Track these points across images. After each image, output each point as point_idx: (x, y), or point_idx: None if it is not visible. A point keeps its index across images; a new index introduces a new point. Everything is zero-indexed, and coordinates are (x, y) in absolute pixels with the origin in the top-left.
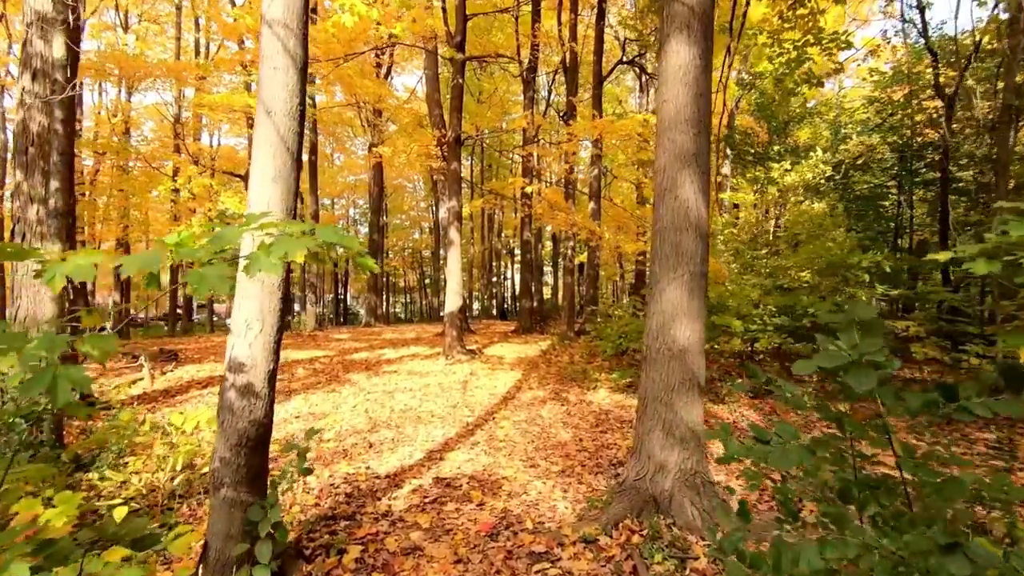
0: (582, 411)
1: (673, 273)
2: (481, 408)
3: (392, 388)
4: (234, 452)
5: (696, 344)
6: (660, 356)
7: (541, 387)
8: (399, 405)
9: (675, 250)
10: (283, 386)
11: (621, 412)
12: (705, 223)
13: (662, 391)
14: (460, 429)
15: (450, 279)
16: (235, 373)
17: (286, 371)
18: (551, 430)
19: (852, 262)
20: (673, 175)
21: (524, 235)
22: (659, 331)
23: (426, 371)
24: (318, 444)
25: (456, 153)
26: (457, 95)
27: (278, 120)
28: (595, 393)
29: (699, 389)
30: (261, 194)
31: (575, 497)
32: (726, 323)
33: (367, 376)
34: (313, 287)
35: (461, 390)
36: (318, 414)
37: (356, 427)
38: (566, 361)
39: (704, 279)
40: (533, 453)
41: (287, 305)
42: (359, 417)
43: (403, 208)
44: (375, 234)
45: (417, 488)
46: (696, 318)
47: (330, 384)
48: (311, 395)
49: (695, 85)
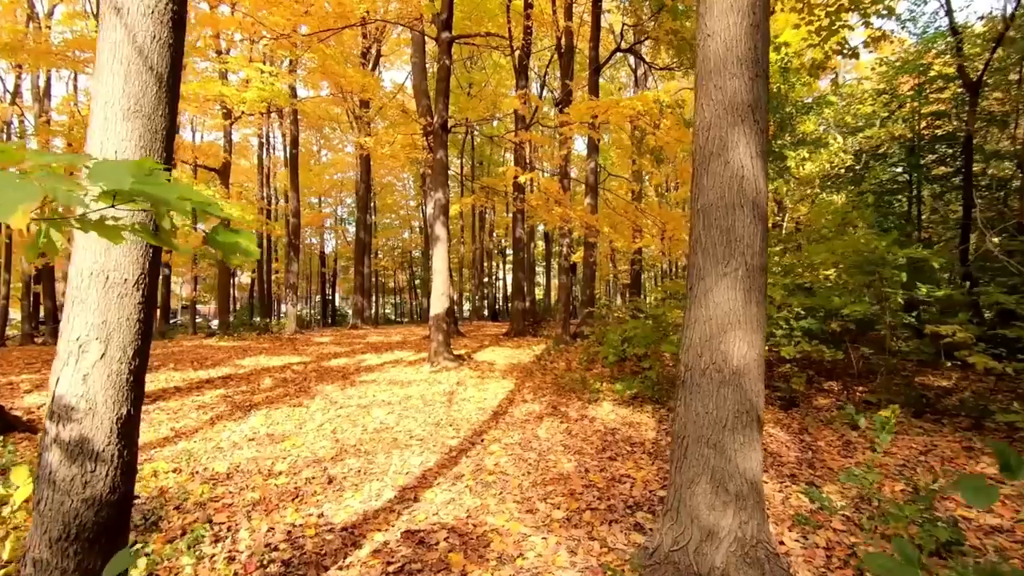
0: (584, 430)
1: (724, 267)
2: (468, 426)
3: (368, 401)
4: (57, 550)
5: (755, 363)
6: (706, 380)
7: (536, 399)
8: (374, 423)
9: (725, 236)
10: (243, 400)
11: (629, 431)
12: (764, 198)
13: (709, 428)
14: (442, 455)
15: (436, 279)
16: (60, 422)
17: (251, 382)
18: (550, 456)
19: (892, 258)
20: (722, 134)
21: (517, 232)
22: (704, 345)
23: (408, 380)
24: (264, 481)
25: (442, 141)
26: (444, 77)
27: (133, 21)
28: (597, 407)
29: (759, 425)
30: (107, 136)
31: (586, 562)
32: None
33: (342, 387)
34: (294, 287)
35: (446, 404)
36: (277, 436)
37: (317, 454)
38: (562, 368)
39: (764, 275)
40: (530, 490)
41: (149, 315)
42: (324, 440)
43: (392, 207)
44: (362, 232)
45: (380, 548)
46: (755, 328)
47: (298, 397)
48: (274, 410)
49: (751, 12)
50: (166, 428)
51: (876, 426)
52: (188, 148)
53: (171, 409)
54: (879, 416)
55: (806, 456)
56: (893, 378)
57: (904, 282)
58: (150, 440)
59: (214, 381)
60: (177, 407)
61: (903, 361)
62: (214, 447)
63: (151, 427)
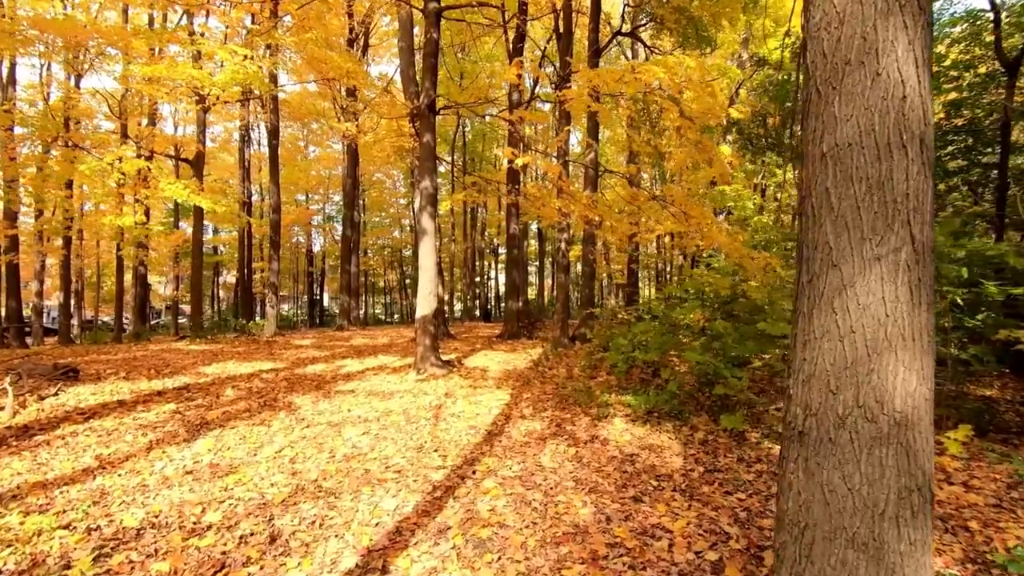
0: (597, 456)
1: (875, 245)
2: (457, 451)
3: (341, 418)
4: None
5: (926, 406)
6: (848, 434)
7: (537, 415)
8: (344, 447)
9: (876, 194)
10: (195, 417)
11: (651, 458)
12: (931, 135)
13: (855, 516)
14: (424, 496)
15: (422, 277)
16: None
17: (211, 394)
18: (559, 497)
19: (958, 253)
20: (865, 29)
21: (511, 228)
22: (842, 376)
23: (391, 391)
24: (183, 542)
25: (430, 123)
26: (431, 52)
27: None
28: (608, 424)
29: (930, 506)
30: None
31: None
32: (778, 331)
33: (314, 399)
34: (274, 286)
35: (432, 421)
36: (222, 467)
37: (266, 495)
38: (563, 375)
39: (933, 259)
40: (537, 552)
41: None
42: (278, 474)
43: (382, 204)
44: (349, 230)
45: None
46: (925, 347)
47: (262, 412)
48: (229, 430)
49: None
50: (89, 456)
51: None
52: (160, 137)
53: (104, 430)
54: (950, 439)
55: None
56: (952, 389)
57: (964, 279)
58: (63, 473)
59: (167, 393)
60: (113, 427)
61: (959, 370)
62: (138, 485)
63: (72, 454)
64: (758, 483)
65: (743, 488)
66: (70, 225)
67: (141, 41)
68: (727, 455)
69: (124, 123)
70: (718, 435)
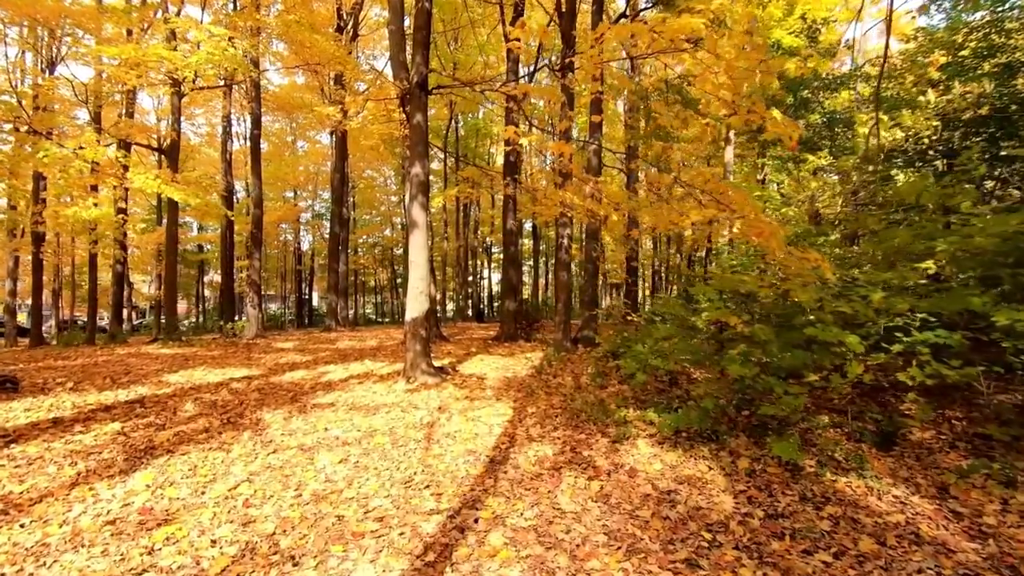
0: (628, 496)
1: None
2: (454, 488)
3: (316, 440)
4: None
5: None
6: None
7: (546, 435)
8: (314, 483)
9: None
10: (142, 439)
11: (695, 496)
12: None
13: None
14: (412, 562)
15: (413, 274)
16: None
17: (168, 408)
18: (591, 564)
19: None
20: None
21: (507, 223)
22: None
23: (376, 404)
24: None
25: (422, 103)
26: (423, 24)
27: None
28: (632, 449)
29: None
30: None
31: None
32: (832, 338)
33: (287, 415)
34: (256, 285)
35: (423, 444)
36: (156, 515)
37: (201, 561)
38: (570, 385)
39: None
40: None
41: None
42: (225, 526)
43: (373, 202)
44: (337, 227)
45: None
46: None
47: (223, 433)
48: (179, 457)
49: None
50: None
51: None
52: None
53: (26, 458)
54: None
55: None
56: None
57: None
58: None
59: (115, 409)
60: (38, 453)
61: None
62: (36, 544)
63: None
64: (839, 535)
65: (822, 544)
66: (40, 220)
67: (112, 21)
68: (786, 492)
69: (97, 111)
70: (765, 463)
